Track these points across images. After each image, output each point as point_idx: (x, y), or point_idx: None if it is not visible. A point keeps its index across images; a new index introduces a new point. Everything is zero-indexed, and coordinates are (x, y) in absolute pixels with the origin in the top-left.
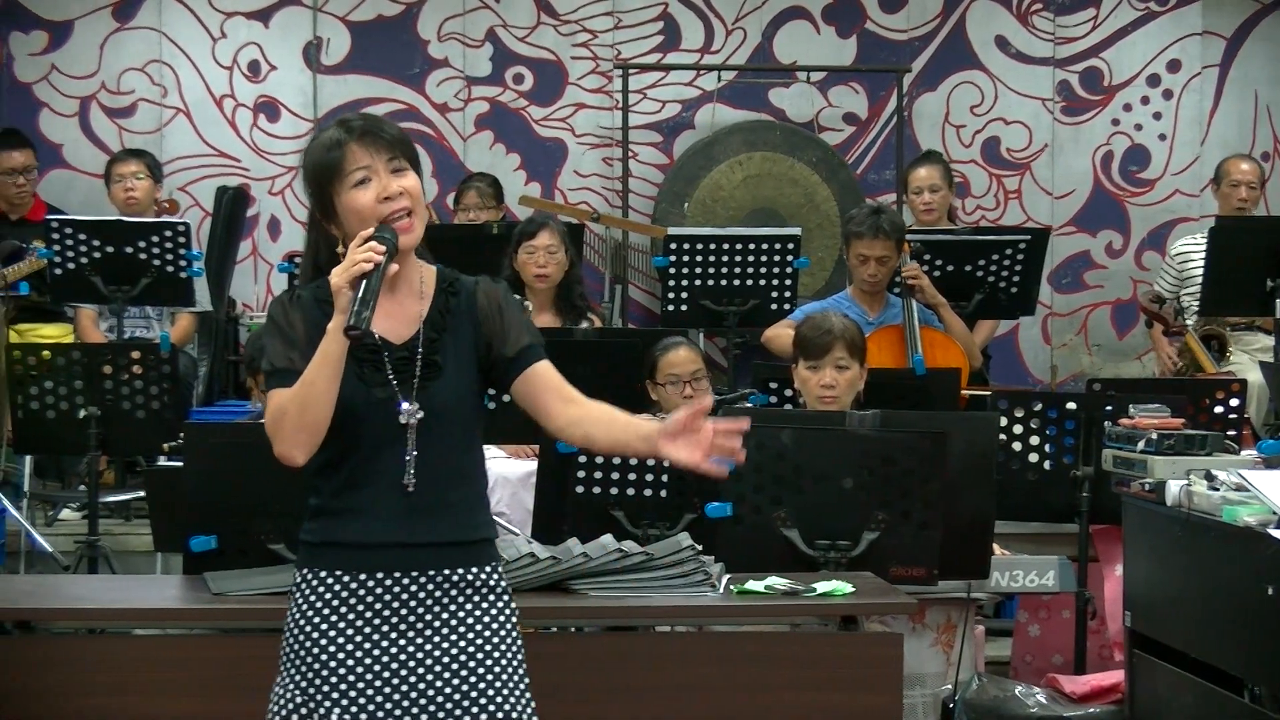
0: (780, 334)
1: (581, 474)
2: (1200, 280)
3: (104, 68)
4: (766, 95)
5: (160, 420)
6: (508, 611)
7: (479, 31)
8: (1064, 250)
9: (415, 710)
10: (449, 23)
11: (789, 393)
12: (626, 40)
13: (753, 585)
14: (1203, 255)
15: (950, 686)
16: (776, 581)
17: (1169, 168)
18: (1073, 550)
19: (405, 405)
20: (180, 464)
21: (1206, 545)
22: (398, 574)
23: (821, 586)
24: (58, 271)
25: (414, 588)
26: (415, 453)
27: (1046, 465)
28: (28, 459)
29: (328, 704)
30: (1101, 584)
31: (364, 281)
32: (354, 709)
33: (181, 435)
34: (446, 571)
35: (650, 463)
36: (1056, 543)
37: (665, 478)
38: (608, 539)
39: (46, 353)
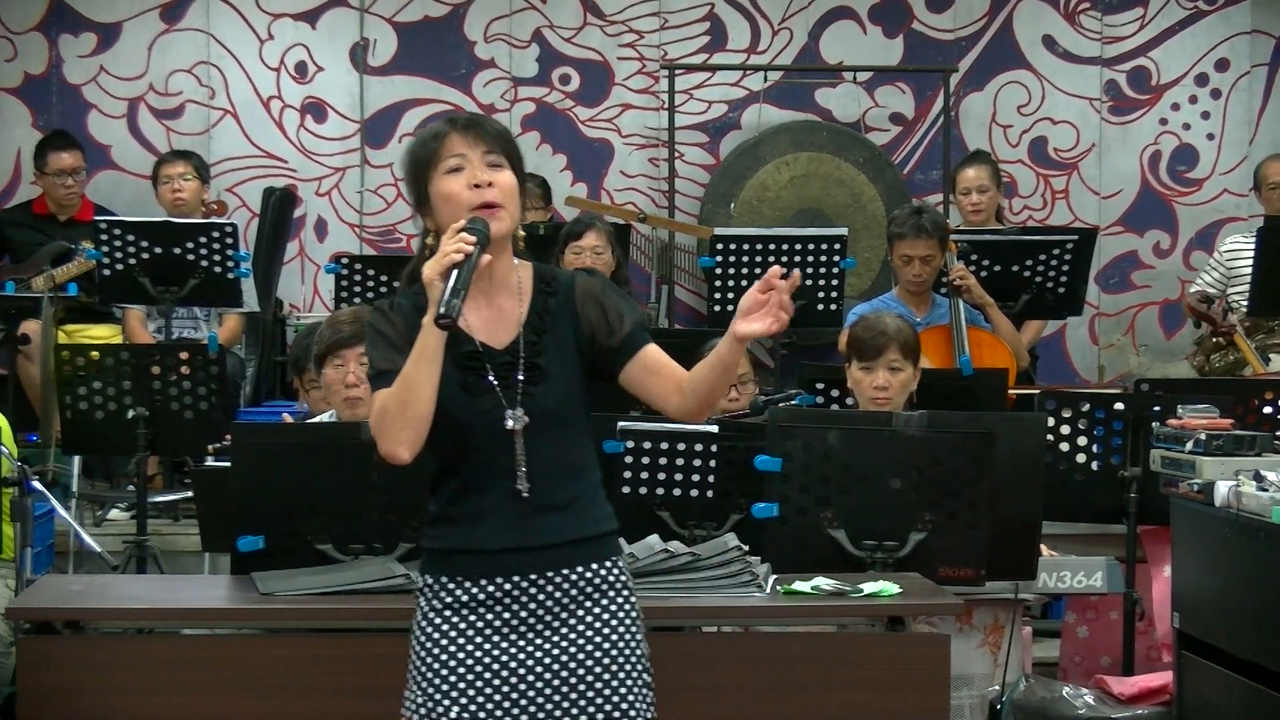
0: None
1: (628, 474)
2: (1249, 279)
3: (152, 69)
4: (813, 95)
5: (208, 421)
6: (629, 606)
7: (525, 32)
8: (1111, 250)
9: (537, 711)
10: (495, 23)
11: (836, 393)
12: (673, 41)
13: (799, 586)
14: (1251, 254)
15: (997, 687)
16: (823, 582)
17: (1217, 167)
18: (1120, 551)
19: (510, 412)
20: (228, 464)
21: (1255, 546)
22: (516, 577)
23: (868, 587)
24: (106, 272)
25: (533, 590)
26: (524, 457)
27: (1094, 466)
28: (76, 459)
29: (447, 703)
30: (1149, 585)
31: (455, 271)
32: (474, 708)
33: (228, 436)
34: (565, 571)
35: (697, 463)
36: (1104, 543)
37: (712, 478)
38: (654, 539)
39: (95, 353)
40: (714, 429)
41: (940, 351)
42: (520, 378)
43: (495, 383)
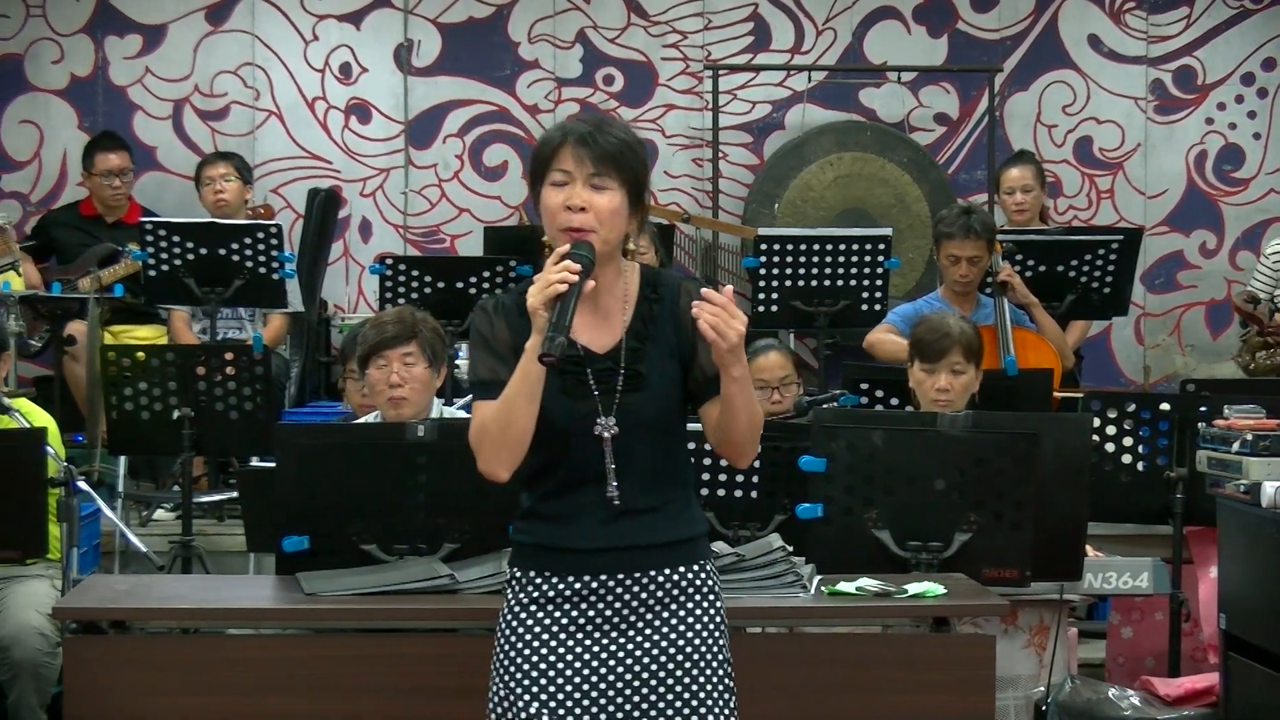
0: (881, 339)
1: None
2: None
3: (197, 70)
4: (857, 95)
5: (253, 421)
6: (714, 611)
7: (569, 33)
8: (1157, 250)
9: (616, 711)
10: (539, 24)
11: (880, 394)
12: (716, 41)
13: (844, 586)
14: None
15: (1043, 689)
16: (868, 583)
17: (1263, 167)
18: (1166, 552)
19: (601, 420)
20: (273, 465)
21: None
22: (604, 577)
23: (913, 588)
24: (152, 273)
25: (620, 590)
26: (614, 465)
27: (1140, 466)
28: (122, 460)
29: (528, 698)
30: (1196, 586)
31: (558, 304)
32: (554, 706)
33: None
34: (653, 573)
35: None
36: (1150, 544)
37: (756, 479)
38: None
39: (141, 354)
40: None
41: (986, 351)
42: (619, 385)
43: (594, 388)
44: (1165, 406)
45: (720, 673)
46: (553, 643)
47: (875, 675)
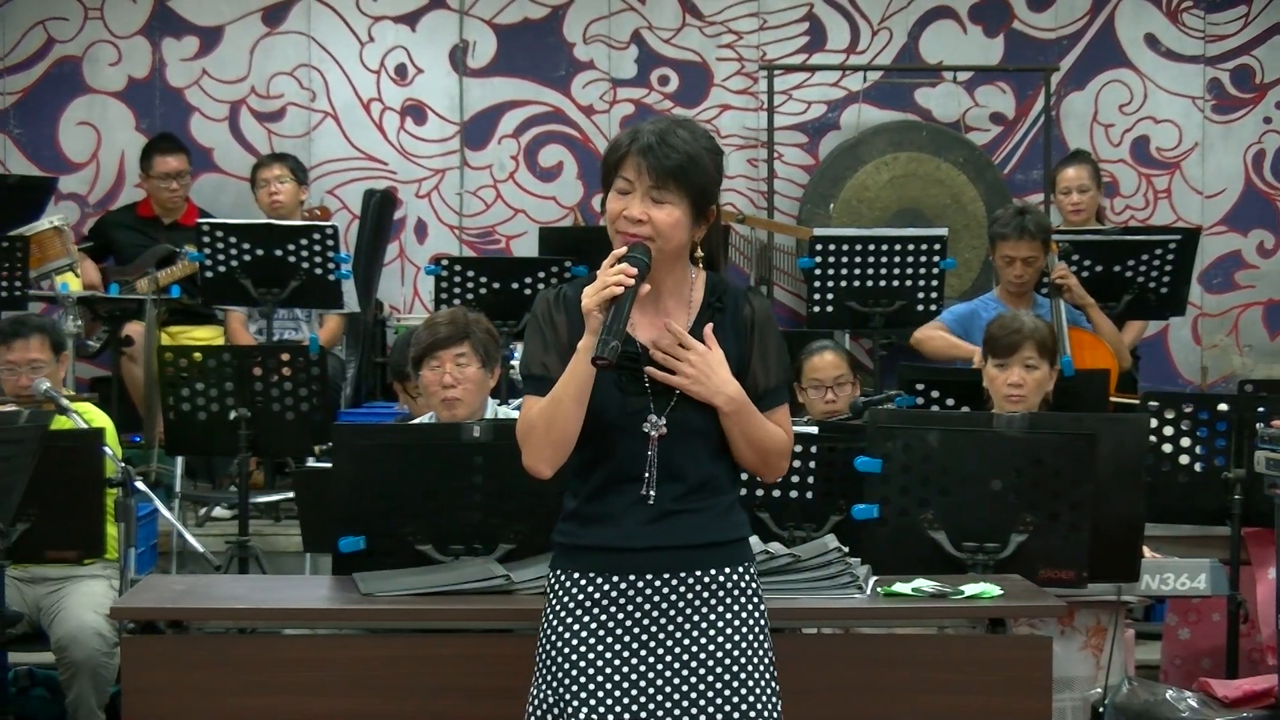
0: (930, 336)
1: None
2: None
3: (253, 72)
4: (913, 95)
5: (309, 422)
6: (757, 613)
7: (624, 33)
8: (1214, 250)
9: (661, 713)
10: (594, 25)
11: (935, 394)
12: (771, 41)
13: (900, 587)
14: None
15: (1100, 690)
16: (923, 584)
17: None
18: (1224, 553)
19: (651, 419)
20: (329, 465)
21: None
22: (649, 576)
23: (969, 589)
24: (209, 275)
25: (664, 590)
26: (656, 464)
27: (1197, 467)
28: (179, 460)
29: (575, 703)
30: (1253, 587)
31: (613, 307)
32: (602, 710)
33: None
34: (698, 573)
35: (797, 464)
36: (1208, 545)
37: (812, 479)
38: (754, 541)
39: (197, 355)
40: (814, 430)
41: None
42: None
43: (649, 386)
44: (1223, 407)
45: (766, 675)
46: (599, 646)
47: (931, 677)
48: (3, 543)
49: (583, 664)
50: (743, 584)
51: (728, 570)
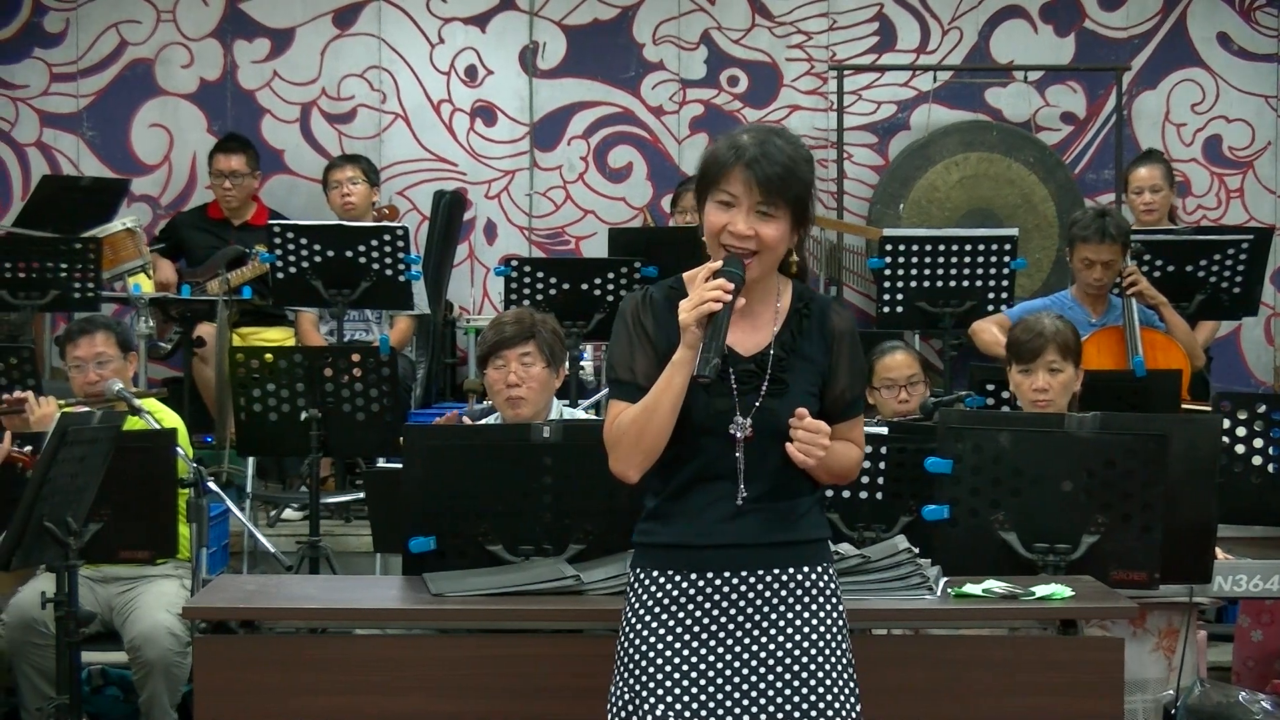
0: (982, 328)
1: None
2: None
3: (324, 74)
4: (983, 95)
5: (380, 422)
6: (836, 614)
7: (694, 34)
8: None
9: (741, 713)
10: (664, 26)
11: (1006, 395)
12: (841, 41)
13: (970, 588)
14: None
15: (1172, 692)
16: (994, 585)
17: None
18: None
19: (737, 420)
20: (399, 466)
21: None
22: (728, 574)
23: (1040, 590)
24: (279, 276)
25: (743, 588)
26: (744, 467)
27: (1270, 468)
28: (250, 461)
29: (653, 700)
30: None
31: (711, 323)
32: (680, 707)
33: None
34: (776, 571)
35: (867, 465)
36: None
37: (882, 480)
38: None
39: (269, 356)
40: (884, 430)
41: (1114, 352)
42: (763, 390)
43: (735, 389)
44: None
45: (846, 675)
46: (676, 644)
47: (1002, 678)
48: (76, 543)
49: (660, 661)
50: (821, 583)
51: (806, 569)
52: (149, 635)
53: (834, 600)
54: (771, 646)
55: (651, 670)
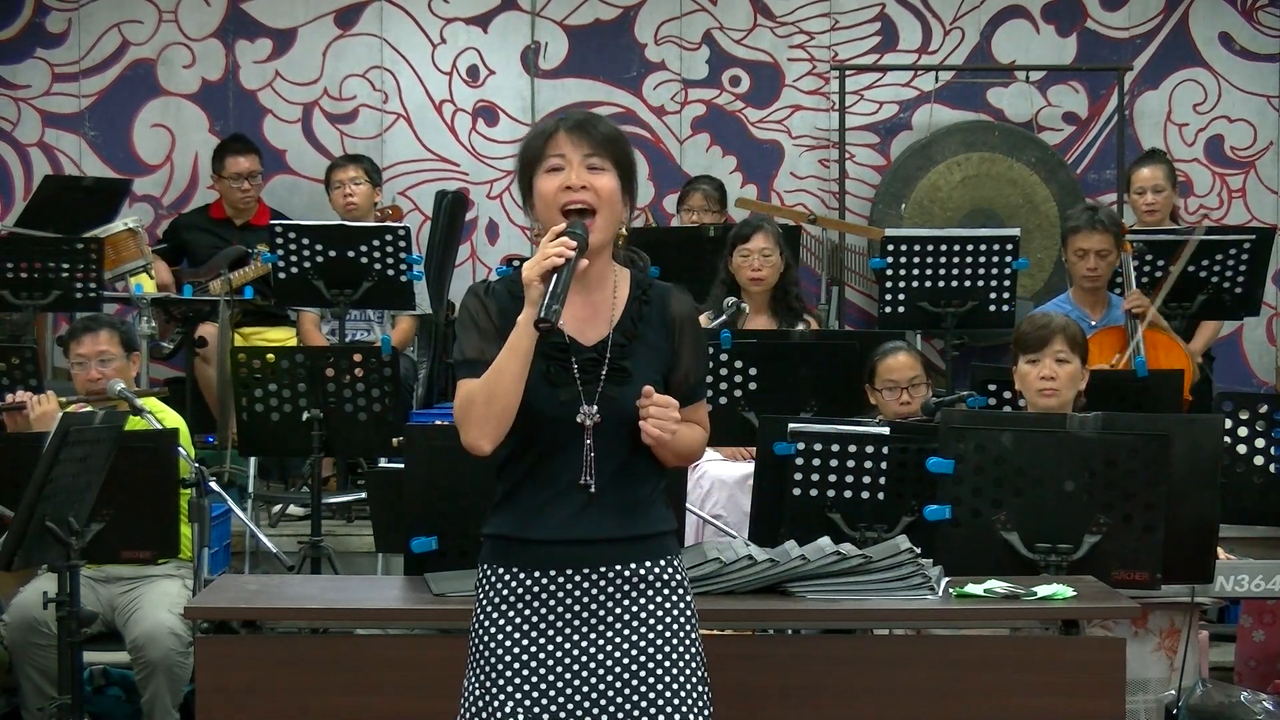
0: None
1: (799, 476)
2: None
3: (326, 74)
4: (985, 95)
5: (381, 422)
6: (683, 605)
7: (695, 34)
8: None
9: (591, 707)
10: (666, 26)
11: (1008, 395)
12: (843, 41)
13: (972, 589)
14: None
15: (1174, 692)
16: (996, 585)
17: None
18: None
19: (584, 409)
20: (401, 466)
21: None
22: (570, 570)
23: (1042, 590)
24: (281, 276)
25: (587, 585)
26: (593, 455)
27: (1272, 469)
28: (252, 461)
29: (503, 698)
30: None
31: (555, 275)
32: (530, 704)
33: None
34: (619, 567)
35: (868, 465)
36: None
37: (883, 480)
38: (825, 541)
39: (270, 356)
40: (885, 431)
41: (1115, 352)
42: (603, 378)
43: (579, 378)
44: None
45: (694, 665)
46: (524, 641)
47: (1003, 678)
48: (78, 542)
49: (508, 658)
50: (666, 575)
51: (648, 564)
52: (151, 635)
53: (680, 592)
54: (618, 640)
55: (500, 668)
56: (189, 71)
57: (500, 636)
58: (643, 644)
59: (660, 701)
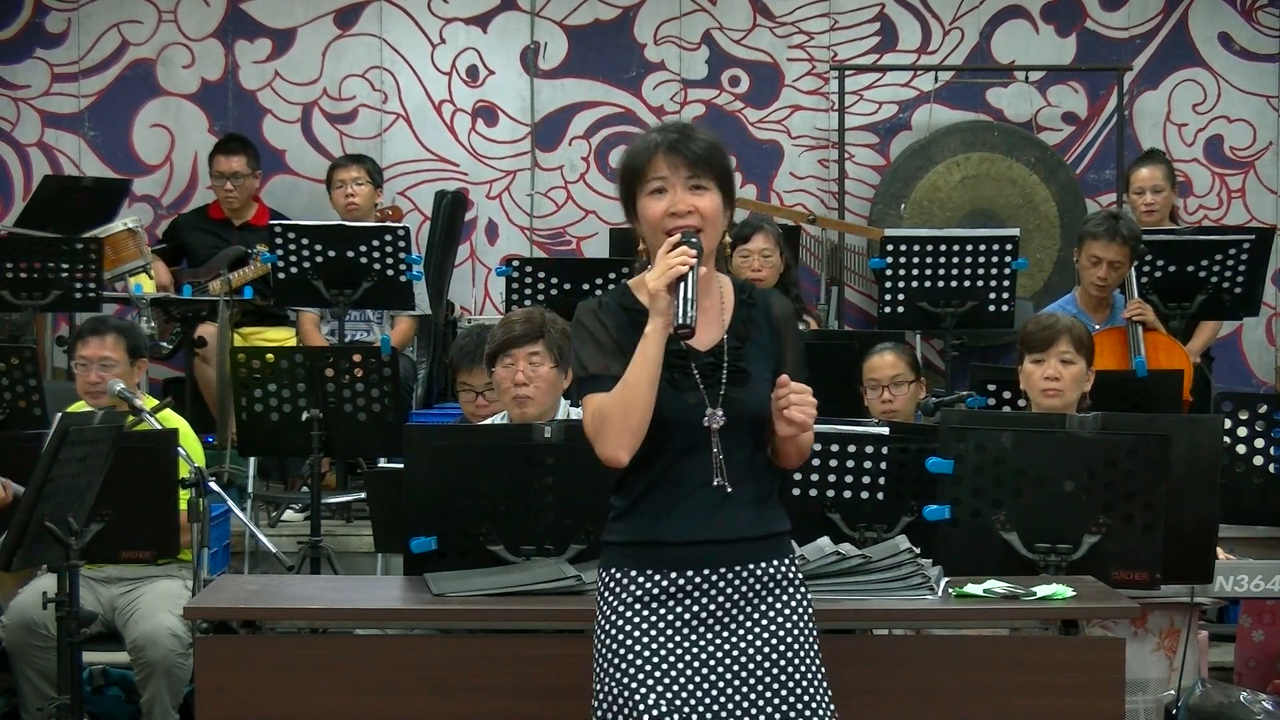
0: None
1: (798, 476)
2: None
3: (326, 74)
4: (984, 95)
5: (381, 423)
6: (806, 603)
7: (695, 34)
8: None
9: (735, 709)
10: (665, 26)
11: (1008, 395)
12: (843, 41)
13: (971, 589)
14: None
15: (1173, 692)
16: (995, 585)
17: None
18: None
19: (710, 411)
20: (401, 466)
21: None
22: (706, 570)
23: (1041, 590)
24: (281, 276)
25: (721, 584)
26: (721, 456)
27: (1272, 469)
28: (252, 461)
29: (644, 691)
30: None
31: (682, 283)
32: (664, 705)
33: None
34: (751, 565)
35: (868, 465)
36: None
37: (883, 480)
38: (825, 541)
39: (270, 356)
40: (885, 431)
41: (1116, 353)
42: (724, 380)
43: (700, 382)
44: None
45: (817, 663)
46: (660, 639)
47: (1003, 678)
48: (77, 543)
49: (639, 661)
50: (790, 574)
51: (776, 563)
52: (151, 636)
53: (803, 590)
54: (751, 639)
55: (639, 663)
56: (188, 72)
57: (636, 634)
58: (774, 641)
59: (799, 705)
